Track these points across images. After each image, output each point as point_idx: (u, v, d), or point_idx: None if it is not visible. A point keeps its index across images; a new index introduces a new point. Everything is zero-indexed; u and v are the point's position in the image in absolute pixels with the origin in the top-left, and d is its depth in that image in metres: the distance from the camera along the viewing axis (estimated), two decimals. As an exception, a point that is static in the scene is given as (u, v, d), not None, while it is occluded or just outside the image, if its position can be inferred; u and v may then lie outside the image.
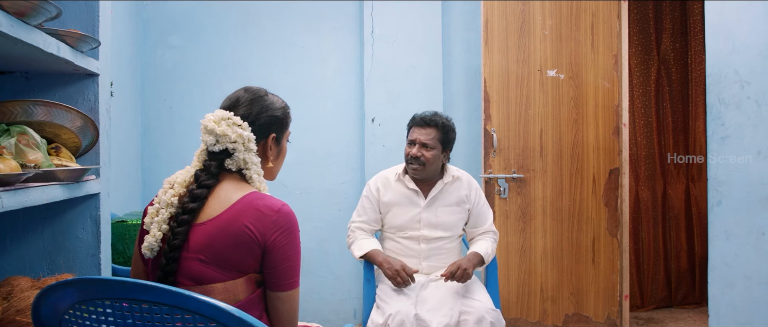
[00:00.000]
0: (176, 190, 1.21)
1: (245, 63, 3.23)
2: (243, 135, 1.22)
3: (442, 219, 2.24)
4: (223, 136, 1.21)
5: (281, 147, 1.35)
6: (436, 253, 2.24)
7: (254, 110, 1.27)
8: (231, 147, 1.22)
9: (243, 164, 1.23)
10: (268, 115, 1.29)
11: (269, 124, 1.29)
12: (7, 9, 1.16)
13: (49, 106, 1.51)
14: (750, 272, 2.12)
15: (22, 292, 1.40)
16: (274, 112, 1.30)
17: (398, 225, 2.26)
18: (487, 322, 2.00)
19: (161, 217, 1.19)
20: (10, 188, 1.21)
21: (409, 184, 2.26)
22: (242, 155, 1.23)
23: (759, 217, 2.08)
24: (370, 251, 2.20)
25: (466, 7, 3.24)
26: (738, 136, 2.17)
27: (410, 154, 2.21)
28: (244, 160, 1.23)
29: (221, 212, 1.17)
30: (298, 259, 1.22)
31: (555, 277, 2.98)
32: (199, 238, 1.16)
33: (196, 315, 0.95)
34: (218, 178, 1.23)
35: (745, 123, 2.13)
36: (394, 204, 2.27)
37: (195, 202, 1.18)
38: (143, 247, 1.19)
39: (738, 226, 2.16)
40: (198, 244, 1.16)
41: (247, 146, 1.23)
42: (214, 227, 1.16)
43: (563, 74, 2.97)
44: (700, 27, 3.46)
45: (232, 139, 1.22)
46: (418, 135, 2.20)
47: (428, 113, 2.24)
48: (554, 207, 2.97)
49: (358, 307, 3.23)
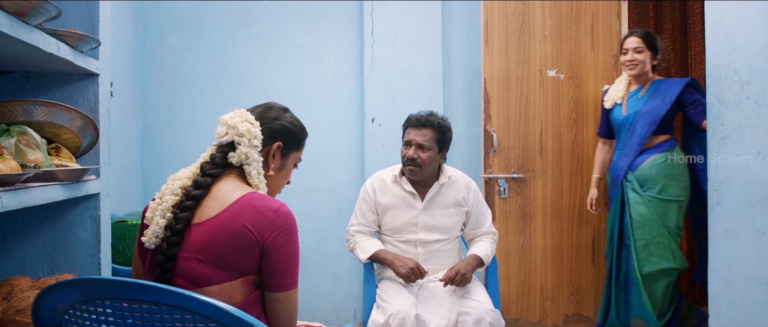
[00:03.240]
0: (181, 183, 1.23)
1: (245, 63, 3.23)
2: (251, 130, 1.26)
3: (439, 222, 2.23)
4: (232, 127, 1.26)
5: (285, 163, 1.37)
6: (434, 256, 2.23)
7: (270, 115, 1.33)
8: (237, 139, 1.26)
9: (244, 159, 1.26)
10: (281, 124, 1.33)
11: (279, 131, 1.33)
12: (7, 9, 1.16)
13: (49, 106, 1.51)
14: (750, 272, 2.12)
15: (22, 292, 1.40)
16: (288, 124, 1.35)
17: (394, 228, 2.25)
18: (486, 322, 1.99)
19: (165, 206, 1.20)
20: (10, 188, 1.21)
21: (405, 185, 2.25)
22: (245, 149, 1.25)
23: (759, 217, 2.08)
24: (376, 252, 2.19)
25: (466, 7, 3.24)
26: (738, 136, 2.16)
27: (406, 155, 2.19)
28: (245, 154, 1.25)
29: (219, 212, 1.17)
30: (297, 259, 1.22)
31: (555, 277, 2.98)
32: (197, 237, 1.16)
33: (195, 315, 0.95)
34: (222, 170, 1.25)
35: (745, 123, 2.13)
36: (391, 206, 2.25)
37: (197, 190, 1.20)
38: (145, 238, 1.20)
39: (738, 226, 2.16)
40: (196, 244, 1.16)
41: (251, 142, 1.26)
42: (213, 227, 1.16)
43: (563, 74, 2.97)
44: (700, 27, 3.46)
45: (240, 132, 1.26)
46: (413, 136, 2.18)
47: (424, 113, 2.21)
48: (554, 207, 2.97)
49: (358, 307, 3.23)
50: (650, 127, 2.63)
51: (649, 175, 2.62)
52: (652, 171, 2.62)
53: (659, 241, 2.60)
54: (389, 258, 2.15)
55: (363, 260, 2.21)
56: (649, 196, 2.62)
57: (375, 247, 2.20)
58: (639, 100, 2.69)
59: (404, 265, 2.10)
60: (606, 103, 2.80)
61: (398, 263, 2.12)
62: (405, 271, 2.09)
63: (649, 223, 2.61)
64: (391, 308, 2.00)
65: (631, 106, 2.70)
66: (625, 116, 2.71)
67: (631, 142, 2.67)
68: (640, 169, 2.65)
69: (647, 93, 2.69)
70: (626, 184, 2.67)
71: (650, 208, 2.61)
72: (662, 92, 2.64)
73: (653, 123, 2.62)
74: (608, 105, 2.79)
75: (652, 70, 2.74)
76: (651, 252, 2.61)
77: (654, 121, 2.62)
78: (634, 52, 2.67)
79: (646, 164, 2.63)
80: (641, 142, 2.65)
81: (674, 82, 2.66)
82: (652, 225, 2.60)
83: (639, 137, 2.65)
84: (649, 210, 2.61)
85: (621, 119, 2.73)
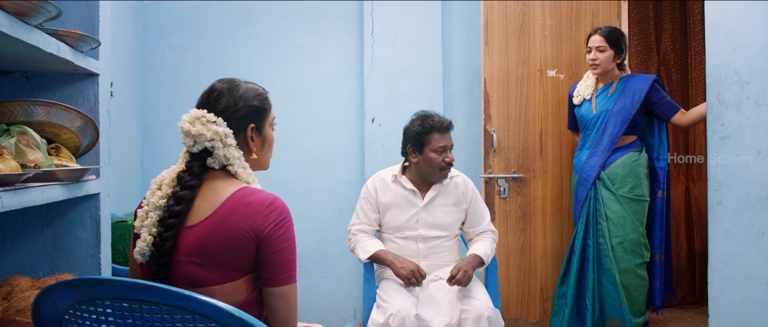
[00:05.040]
0: (164, 192, 1.20)
1: (245, 63, 3.23)
2: (219, 131, 1.20)
3: (439, 219, 2.25)
4: (199, 135, 1.20)
5: (264, 135, 1.31)
6: (434, 252, 2.25)
7: (230, 103, 1.24)
8: (209, 145, 1.20)
9: (225, 160, 1.21)
10: (245, 106, 1.25)
11: (246, 115, 1.26)
12: (7, 9, 1.16)
13: (49, 106, 1.51)
14: (750, 272, 2.12)
15: (22, 292, 1.40)
16: (249, 101, 1.26)
17: (396, 225, 2.26)
18: (485, 320, 2.00)
19: (150, 221, 1.18)
20: (10, 188, 1.21)
21: (406, 184, 2.27)
22: (222, 152, 1.20)
23: (759, 217, 2.08)
24: (377, 252, 2.19)
25: (466, 7, 3.24)
26: (738, 136, 2.16)
27: (446, 160, 2.20)
28: (224, 156, 1.21)
29: (211, 213, 1.16)
30: (293, 253, 1.19)
31: (555, 277, 2.98)
32: (190, 241, 1.15)
33: (195, 315, 0.95)
34: (201, 178, 1.21)
35: (745, 123, 2.13)
36: (392, 205, 2.27)
37: (180, 205, 1.16)
38: (135, 252, 1.18)
39: (738, 226, 2.16)
40: (190, 247, 1.15)
41: (225, 142, 1.21)
42: (206, 229, 1.15)
43: (563, 74, 2.97)
44: (700, 27, 3.46)
45: (209, 138, 1.20)
46: (446, 141, 2.20)
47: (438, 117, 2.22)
48: (554, 207, 2.97)
49: (358, 307, 3.23)
50: (622, 126, 2.63)
51: (620, 173, 2.63)
52: (623, 170, 2.63)
53: (633, 238, 2.62)
54: (390, 258, 2.15)
55: (363, 260, 2.21)
56: (620, 194, 2.63)
57: (376, 247, 2.21)
58: (609, 97, 2.68)
59: (404, 267, 2.10)
60: (575, 99, 2.79)
61: (399, 264, 2.12)
62: (405, 273, 2.09)
63: (623, 220, 2.62)
64: (391, 308, 2.00)
65: (600, 104, 2.69)
66: (596, 114, 2.69)
67: (603, 141, 2.66)
68: (611, 167, 2.65)
69: (616, 91, 2.68)
70: (598, 183, 2.67)
71: (624, 206, 2.62)
72: (631, 90, 2.64)
73: (625, 122, 2.63)
74: (577, 101, 2.77)
75: (619, 68, 2.72)
76: (626, 249, 2.62)
77: (625, 120, 2.62)
78: (597, 51, 2.65)
79: (619, 163, 2.64)
80: (614, 141, 2.64)
81: (640, 80, 2.66)
82: (627, 222, 2.61)
83: (611, 136, 2.64)
84: (622, 207, 2.62)
85: (590, 117, 2.71)
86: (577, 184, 2.76)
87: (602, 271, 2.67)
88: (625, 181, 2.63)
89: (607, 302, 2.66)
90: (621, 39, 2.66)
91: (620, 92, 2.66)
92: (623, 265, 2.62)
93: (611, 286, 2.64)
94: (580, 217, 2.71)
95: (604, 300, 2.67)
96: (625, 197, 2.63)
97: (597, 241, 2.67)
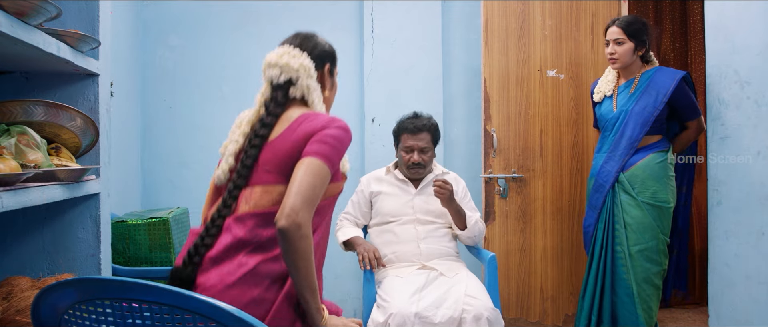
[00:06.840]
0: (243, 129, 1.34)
1: (245, 63, 3.22)
2: (304, 63, 1.36)
3: (433, 206, 2.38)
4: (286, 66, 1.35)
5: (334, 80, 1.49)
6: (432, 235, 2.36)
7: (310, 44, 1.41)
8: (294, 75, 1.35)
9: (306, 91, 1.35)
10: (322, 49, 1.43)
11: (322, 55, 1.42)
12: (7, 9, 1.16)
13: (49, 106, 1.51)
14: (750, 272, 2.12)
15: (22, 292, 1.40)
16: (326, 47, 1.45)
17: (391, 211, 2.39)
18: (485, 320, 2.00)
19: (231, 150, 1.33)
20: (10, 188, 1.21)
21: (398, 175, 2.44)
22: (305, 82, 1.35)
23: (759, 217, 2.08)
24: (352, 238, 2.34)
25: (466, 7, 3.24)
26: (737, 136, 2.17)
27: (412, 160, 2.35)
28: (307, 86, 1.35)
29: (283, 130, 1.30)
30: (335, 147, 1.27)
31: (555, 277, 2.98)
32: (267, 155, 1.28)
33: (196, 315, 0.95)
34: (284, 107, 1.34)
35: (745, 123, 2.13)
36: (387, 193, 2.42)
37: (265, 129, 1.30)
38: (216, 174, 1.34)
39: (738, 226, 2.16)
40: (266, 159, 1.28)
41: (308, 73, 1.36)
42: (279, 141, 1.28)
43: (563, 74, 2.97)
44: (700, 27, 3.46)
45: (295, 68, 1.35)
46: (414, 141, 2.34)
47: (414, 118, 2.37)
48: (554, 207, 2.97)
49: (358, 307, 3.23)
50: (643, 128, 2.39)
51: (641, 176, 2.40)
52: (644, 172, 2.39)
53: (652, 245, 2.39)
54: (358, 242, 2.31)
55: (339, 242, 2.37)
56: (641, 199, 2.39)
57: (352, 234, 2.35)
58: (630, 96, 2.44)
59: (366, 249, 2.24)
60: (595, 96, 2.58)
61: (361, 248, 2.26)
62: (363, 253, 2.22)
63: (643, 227, 2.39)
64: (391, 308, 2.01)
65: (621, 103, 2.46)
66: (615, 114, 2.46)
67: (621, 144, 2.43)
68: (632, 169, 2.41)
69: (639, 87, 2.43)
70: (617, 186, 2.44)
71: (645, 212, 2.39)
72: (655, 87, 2.38)
73: (646, 124, 2.38)
74: (597, 98, 2.55)
75: (643, 61, 2.47)
76: (646, 257, 2.40)
77: (646, 121, 2.38)
78: (615, 44, 2.41)
79: (640, 165, 2.40)
80: (633, 145, 2.41)
81: (667, 75, 2.40)
82: (647, 229, 2.39)
83: (630, 140, 2.40)
84: (643, 214, 2.39)
85: (610, 116, 2.48)
86: (592, 190, 2.54)
87: (618, 281, 2.44)
88: (646, 185, 2.39)
89: (621, 314, 2.45)
90: (643, 29, 2.40)
91: (643, 90, 2.40)
92: (641, 274, 2.39)
93: (628, 298, 2.41)
94: (598, 225, 2.50)
95: (619, 312, 2.45)
96: (646, 203, 2.38)
97: (613, 248, 2.45)
